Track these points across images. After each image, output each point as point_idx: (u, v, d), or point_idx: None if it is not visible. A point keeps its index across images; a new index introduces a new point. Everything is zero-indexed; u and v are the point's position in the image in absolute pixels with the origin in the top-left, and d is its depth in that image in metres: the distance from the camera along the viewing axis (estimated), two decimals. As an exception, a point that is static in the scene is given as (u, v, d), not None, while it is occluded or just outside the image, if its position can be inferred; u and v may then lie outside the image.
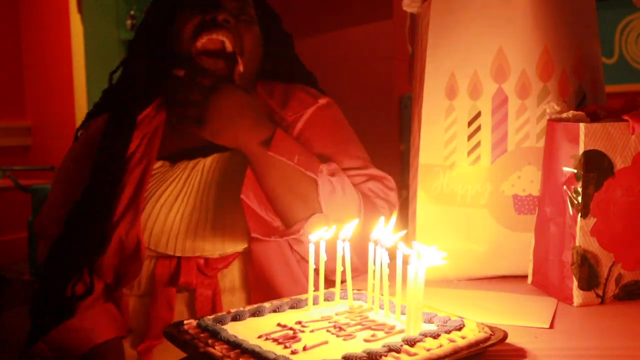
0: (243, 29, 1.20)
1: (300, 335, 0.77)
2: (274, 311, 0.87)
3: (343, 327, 0.80)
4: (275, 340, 0.76)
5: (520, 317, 0.93)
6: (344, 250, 0.90)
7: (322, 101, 1.28)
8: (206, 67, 1.17)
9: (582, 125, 0.96)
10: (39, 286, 1.19)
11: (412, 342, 0.73)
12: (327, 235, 0.90)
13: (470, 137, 1.15)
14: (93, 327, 1.12)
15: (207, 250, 1.14)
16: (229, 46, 1.17)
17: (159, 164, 1.21)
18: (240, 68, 1.19)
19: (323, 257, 0.89)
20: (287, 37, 1.36)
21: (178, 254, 1.14)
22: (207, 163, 1.20)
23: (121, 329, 1.15)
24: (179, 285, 1.13)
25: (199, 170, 1.19)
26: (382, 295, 0.87)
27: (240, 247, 1.15)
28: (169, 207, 1.16)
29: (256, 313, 0.86)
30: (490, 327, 0.79)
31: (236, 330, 0.79)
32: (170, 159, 1.21)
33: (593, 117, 1.01)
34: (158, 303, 1.13)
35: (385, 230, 0.86)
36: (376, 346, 0.72)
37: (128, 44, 1.32)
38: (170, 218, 1.15)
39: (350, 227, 0.91)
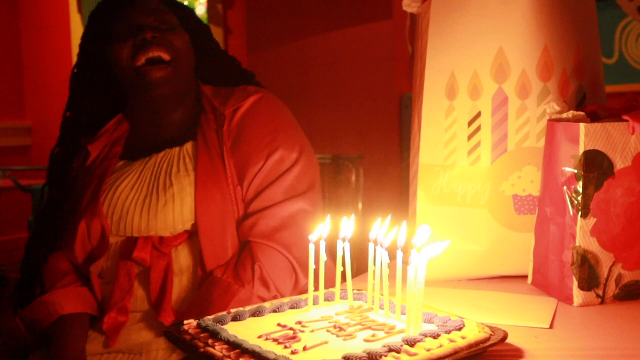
0: (171, 35, 1.35)
1: (300, 335, 0.77)
2: (274, 311, 0.87)
3: (343, 327, 0.80)
4: (275, 340, 0.76)
5: (520, 317, 0.93)
6: (343, 250, 0.90)
7: (251, 100, 1.36)
8: (151, 76, 1.31)
9: (582, 125, 0.96)
10: (18, 282, 1.46)
11: (412, 342, 0.73)
12: (326, 234, 0.90)
13: (470, 137, 1.15)
14: (61, 301, 1.26)
15: (159, 229, 1.27)
16: (165, 56, 1.32)
17: (121, 163, 1.38)
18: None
19: (323, 257, 0.89)
20: (206, 28, 1.48)
21: (135, 234, 1.29)
22: (159, 157, 1.35)
23: (90, 307, 1.29)
24: (133, 259, 1.27)
25: (152, 164, 1.34)
26: (382, 295, 0.87)
27: (188, 224, 1.27)
28: (125, 196, 1.31)
29: (256, 313, 0.86)
30: (490, 327, 0.79)
31: (236, 330, 0.79)
32: (131, 157, 1.39)
33: (593, 117, 1.01)
34: (119, 274, 1.27)
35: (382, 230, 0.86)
36: (376, 346, 0.72)
37: (71, 75, 1.46)
38: (126, 205, 1.30)
39: (350, 226, 0.91)
